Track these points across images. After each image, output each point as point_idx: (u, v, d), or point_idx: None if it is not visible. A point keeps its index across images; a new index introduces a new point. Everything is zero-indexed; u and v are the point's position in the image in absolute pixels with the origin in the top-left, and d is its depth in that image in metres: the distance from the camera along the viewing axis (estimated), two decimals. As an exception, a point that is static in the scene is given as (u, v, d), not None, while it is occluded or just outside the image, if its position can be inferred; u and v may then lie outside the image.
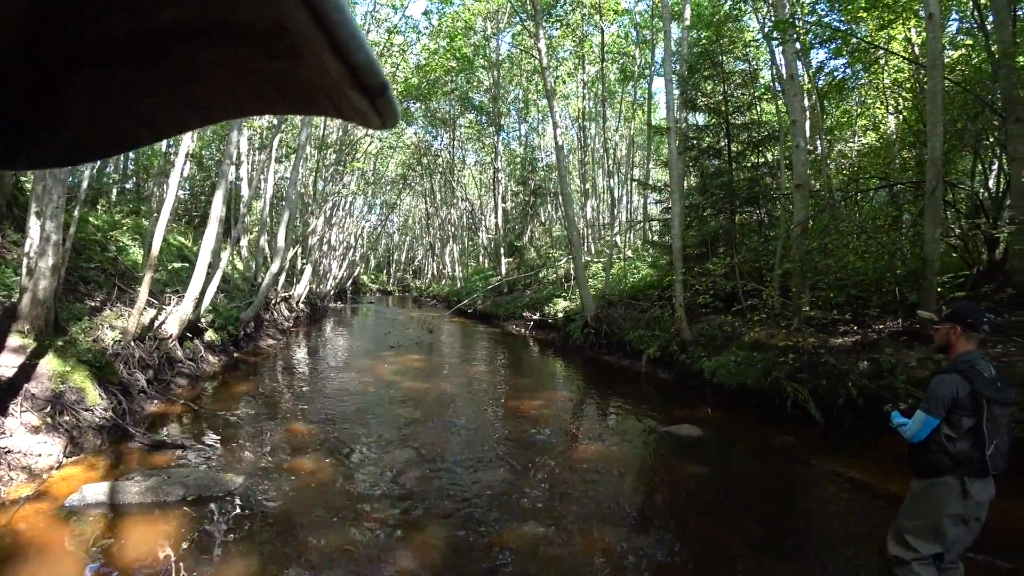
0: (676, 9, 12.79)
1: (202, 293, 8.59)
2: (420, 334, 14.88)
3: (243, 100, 0.33)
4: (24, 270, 5.59)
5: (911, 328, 6.66)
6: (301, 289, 17.24)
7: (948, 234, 8.00)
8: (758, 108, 11.44)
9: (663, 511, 4.38)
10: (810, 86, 11.30)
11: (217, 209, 8.83)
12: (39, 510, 3.72)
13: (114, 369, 5.87)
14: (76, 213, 6.78)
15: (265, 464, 4.91)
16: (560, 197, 20.41)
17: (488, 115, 24.19)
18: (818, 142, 11.91)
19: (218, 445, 5.34)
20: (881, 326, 7.07)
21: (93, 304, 7.14)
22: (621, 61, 21.05)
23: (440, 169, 32.14)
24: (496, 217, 24.46)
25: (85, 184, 7.72)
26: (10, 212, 7.06)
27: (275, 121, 14.23)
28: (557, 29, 18.97)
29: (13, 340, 5.10)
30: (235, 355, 10.07)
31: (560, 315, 15.16)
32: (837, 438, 6.15)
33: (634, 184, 21.64)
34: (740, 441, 6.26)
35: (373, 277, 49.36)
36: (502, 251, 22.53)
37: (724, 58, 10.41)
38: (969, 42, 9.60)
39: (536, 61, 16.78)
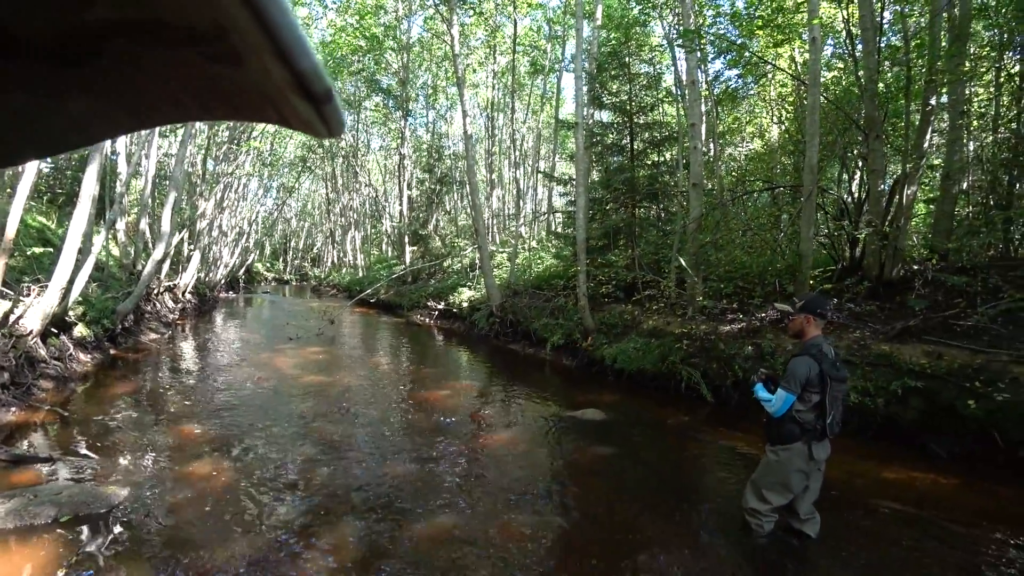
0: (588, 8, 13.13)
1: (70, 282, 7.53)
2: (321, 325, 14.16)
3: (183, 105, 0.31)
4: None
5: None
6: (188, 278, 15.83)
7: (818, 234, 8.94)
8: (660, 110, 12.07)
9: (571, 492, 4.49)
10: (707, 92, 12.14)
11: (90, 187, 7.71)
12: None
13: (-48, 362, 4.99)
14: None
15: (153, 473, 4.41)
16: (467, 186, 20.33)
17: (396, 99, 23.45)
18: (711, 145, 12.84)
19: (95, 456, 4.70)
20: (763, 314, 7.76)
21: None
22: (532, 54, 21.31)
23: (343, 152, 30.70)
24: (401, 204, 23.83)
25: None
26: None
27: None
28: (470, 16, 18.79)
29: None
30: (112, 352, 9.03)
31: (465, 305, 15.12)
32: (725, 415, 6.70)
33: (540, 176, 22.05)
34: (640, 422, 6.59)
35: (268, 265, 46.38)
36: (407, 239, 22.02)
37: (631, 60, 10.85)
38: (840, 65, 10.79)
39: (447, 47, 16.53)
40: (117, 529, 3.51)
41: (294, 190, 34.64)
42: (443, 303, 16.47)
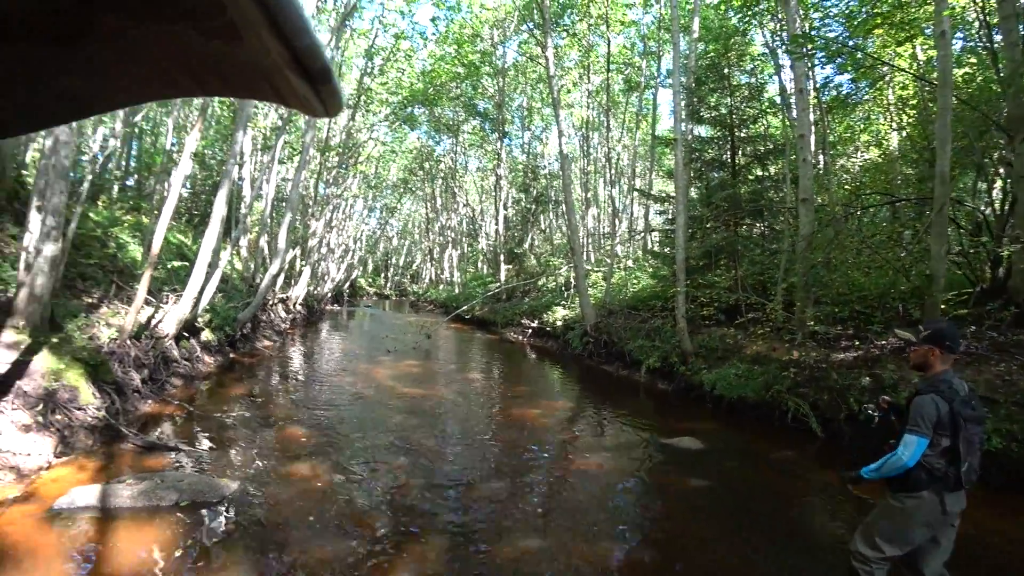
0: (684, 21, 12.81)
1: (200, 292, 8.50)
2: (417, 339, 14.79)
3: (177, 81, 0.30)
4: (22, 265, 5.52)
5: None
6: (299, 291, 17.16)
7: (950, 251, 7.98)
8: (764, 122, 11.44)
9: (661, 524, 4.30)
10: (815, 100, 11.33)
11: (219, 208, 8.72)
12: (26, 512, 3.63)
13: (108, 368, 5.78)
14: (77, 209, 6.71)
15: (260, 469, 4.82)
16: (562, 205, 20.42)
17: (492, 122, 24.23)
18: (821, 156, 11.93)
19: (212, 448, 5.24)
20: (884, 342, 7.02)
21: (90, 301, 7.06)
22: (626, 72, 21.14)
23: (442, 174, 32.18)
24: (497, 223, 24.46)
25: (87, 180, 7.65)
26: (10, 206, 7.01)
27: (279, 122, 14.21)
28: (564, 39, 19.04)
29: (7, 336, 5.02)
30: (231, 356, 9.96)
31: (559, 323, 15.11)
32: (836, 452, 6.11)
33: (636, 194, 21.65)
34: (740, 454, 6.19)
35: (371, 280, 49.28)
36: (502, 258, 22.50)
37: (731, 71, 10.41)
38: (973, 60, 9.62)
39: (542, 69, 16.84)
40: (226, 518, 3.85)
41: (396, 210, 36.67)
42: (537, 321, 16.58)
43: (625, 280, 15.69)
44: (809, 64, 9.19)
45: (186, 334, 8.31)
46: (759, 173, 11.00)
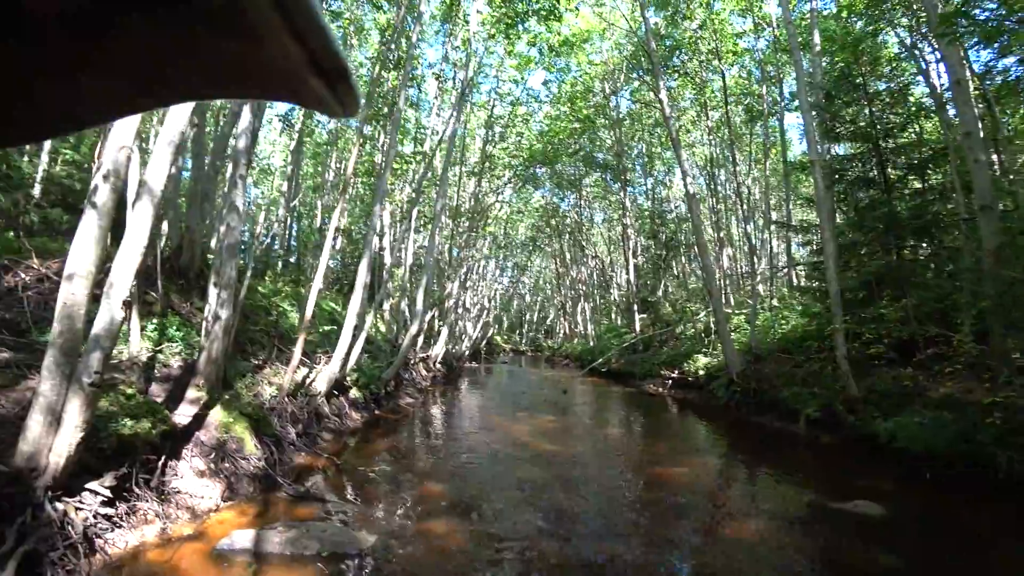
0: (803, 38, 11.95)
1: (348, 353, 9.20)
2: (553, 395, 14.64)
3: (193, 83, 0.30)
4: (203, 332, 6.45)
5: None
6: (438, 350, 18.02)
7: None
8: (915, 127, 10.05)
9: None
10: (977, 93, 9.66)
11: (363, 276, 9.56)
12: (195, 550, 4.03)
13: (269, 422, 6.42)
14: (246, 282, 7.77)
15: (397, 524, 4.91)
16: (694, 248, 19.56)
17: (613, 172, 24.31)
18: (996, 156, 10.08)
19: (355, 501, 5.46)
20: None
21: (256, 363, 8.00)
22: (746, 102, 20.16)
23: (568, 229, 32.69)
24: (627, 273, 24.01)
25: (255, 258, 8.88)
26: (198, 283, 8.32)
27: (413, 195, 15.53)
28: (676, 79, 18.79)
29: (191, 393, 5.83)
30: (376, 412, 10.48)
31: (701, 372, 14.12)
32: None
33: (773, 228, 20.05)
34: (935, 522, 5.09)
35: (506, 337, 50.46)
36: (635, 307, 21.88)
37: (865, 79, 9.39)
38: None
39: (658, 114, 16.64)
40: (364, 572, 3.92)
41: (527, 268, 37.67)
42: (677, 371, 15.67)
43: (772, 321, 14.32)
44: (963, 50, 7.87)
45: (336, 392, 9.00)
46: (917, 186, 9.58)
